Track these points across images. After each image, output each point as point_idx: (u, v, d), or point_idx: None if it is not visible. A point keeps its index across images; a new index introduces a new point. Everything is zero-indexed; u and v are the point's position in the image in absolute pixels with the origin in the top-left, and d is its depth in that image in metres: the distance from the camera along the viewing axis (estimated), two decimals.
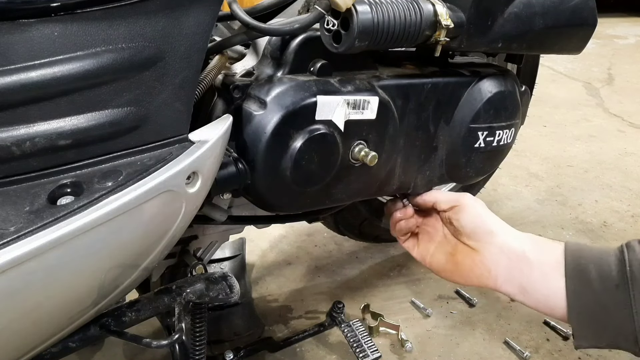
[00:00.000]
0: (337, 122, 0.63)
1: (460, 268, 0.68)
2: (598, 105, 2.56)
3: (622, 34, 4.33)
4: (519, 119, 0.84)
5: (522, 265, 0.62)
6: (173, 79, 0.51)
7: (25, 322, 0.46)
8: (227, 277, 0.69)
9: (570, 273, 0.58)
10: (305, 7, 0.70)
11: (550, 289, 0.59)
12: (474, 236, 0.67)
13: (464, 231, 0.68)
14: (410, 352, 1.00)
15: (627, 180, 1.78)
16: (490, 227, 0.66)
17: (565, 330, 1.05)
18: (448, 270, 0.70)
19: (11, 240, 0.41)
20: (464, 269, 0.67)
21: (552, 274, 0.59)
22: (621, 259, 0.55)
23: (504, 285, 0.64)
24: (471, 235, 0.67)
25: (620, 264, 0.55)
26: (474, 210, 0.67)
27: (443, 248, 0.71)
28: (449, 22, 0.63)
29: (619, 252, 0.56)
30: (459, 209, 0.69)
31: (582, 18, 0.77)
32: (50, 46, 0.45)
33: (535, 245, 0.63)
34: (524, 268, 0.62)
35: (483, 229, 0.66)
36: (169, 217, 0.52)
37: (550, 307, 0.60)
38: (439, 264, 0.71)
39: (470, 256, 0.67)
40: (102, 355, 0.97)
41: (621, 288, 0.54)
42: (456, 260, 0.69)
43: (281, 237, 1.39)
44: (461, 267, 0.68)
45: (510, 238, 0.64)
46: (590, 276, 0.56)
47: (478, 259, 0.66)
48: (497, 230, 0.65)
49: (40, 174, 0.48)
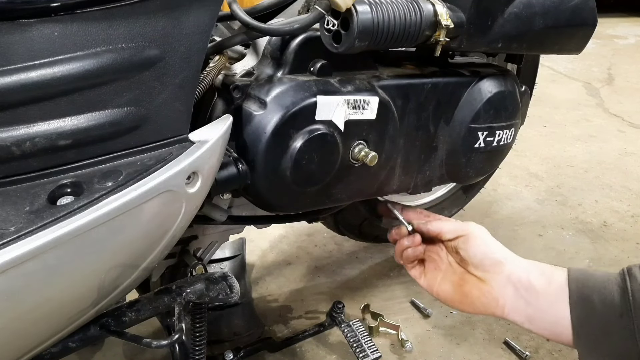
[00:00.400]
0: (337, 122, 0.63)
1: (469, 299, 0.68)
2: (598, 105, 2.56)
3: (622, 34, 4.33)
4: (519, 119, 0.84)
5: (529, 294, 0.63)
6: (173, 79, 0.51)
7: (25, 322, 0.46)
8: (227, 277, 0.69)
9: (574, 302, 0.59)
10: (305, 7, 0.70)
11: (555, 316, 0.60)
12: (482, 267, 0.67)
13: (472, 261, 0.68)
14: (410, 352, 1.00)
15: (627, 180, 1.78)
16: (498, 257, 0.66)
17: None
18: (456, 301, 0.70)
19: (11, 240, 0.41)
20: (472, 300, 0.67)
21: (557, 302, 0.60)
22: (623, 287, 0.56)
23: (511, 314, 0.64)
24: (479, 265, 0.67)
25: (622, 292, 0.56)
26: (481, 241, 0.67)
27: (449, 277, 0.71)
28: (449, 22, 0.63)
29: (621, 279, 0.57)
30: (465, 239, 0.68)
31: (582, 18, 0.77)
32: (50, 46, 0.45)
33: (540, 273, 0.64)
34: (531, 297, 0.63)
35: (491, 260, 0.66)
36: (169, 217, 0.52)
37: (557, 334, 0.61)
38: (447, 294, 0.71)
39: (478, 286, 0.67)
40: (102, 355, 0.97)
41: (625, 317, 0.55)
42: (463, 290, 0.69)
43: (281, 237, 1.39)
44: (469, 297, 0.68)
45: (516, 268, 0.65)
46: (594, 305, 0.57)
47: (486, 290, 0.66)
48: (505, 260, 0.66)
49: (40, 174, 0.48)
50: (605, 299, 0.57)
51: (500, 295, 0.64)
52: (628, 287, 0.56)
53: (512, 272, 0.64)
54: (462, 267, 0.70)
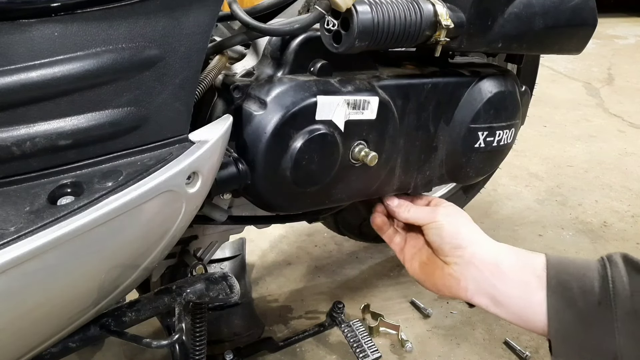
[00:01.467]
0: (337, 122, 0.63)
1: (432, 279, 0.69)
2: (598, 105, 2.56)
3: (622, 34, 4.33)
4: (519, 119, 0.84)
5: (493, 276, 0.62)
6: (173, 79, 0.51)
7: (25, 322, 0.46)
8: (227, 277, 0.69)
9: (552, 288, 0.57)
10: (305, 7, 0.70)
11: (527, 302, 0.58)
12: (442, 251, 0.68)
13: (433, 246, 0.70)
14: (411, 352, 1.00)
15: (627, 180, 1.78)
16: (459, 242, 0.66)
17: None
18: (422, 279, 0.72)
19: (11, 240, 0.41)
20: (435, 280, 0.69)
21: (531, 287, 0.58)
22: (603, 275, 0.54)
23: (475, 297, 0.64)
24: (438, 250, 0.68)
25: (602, 279, 0.54)
26: (443, 228, 0.68)
27: (419, 257, 0.73)
28: (449, 22, 0.63)
29: (601, 267, 0.55)
30: (427, 227, 0.70)
31: (582, 18, 0.77)
32: (50, 46, 0.45)
33: (513, 256, 0.62)
34: (495, 280, 0.62)
35: (449, 244, 0.66)
36: (169, 217, 0.52)
37: (526, 320, 0.59)
38: (414, 271, 0.73)
39: (440, 267, 0.68)
40: (102, 355, 0.97)
41: (603, 305, 0.53)
42: (427, 270, 0.70)
43: (281, 237, 1.39)
44: (432, 278, 0.69)
45: (481, 249, 0.64)
46: (572, 292, 0.55)
47: (446, 271, 0.66)
48: (467, 243, 0.65)
49: (40, 174, 0.48)
50: (584, 286, 0.55)
51: (462, 277, 0.64)
52: (608, 274, 0.54)
53: (474, 254, 0.64)
54: (430, 249, 0.71)
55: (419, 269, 0.72)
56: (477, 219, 0.69)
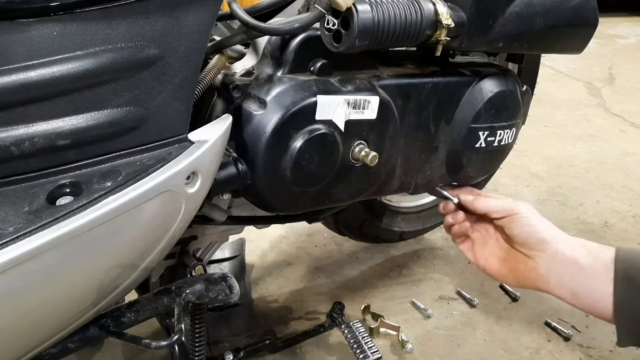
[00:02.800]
0: (337, 122, 0.63)
1: (514, 273, 0.71)
2: (599, 105, 2.56)
3: (623, 33, 4.33)
4: (520, 118, 0.84)
5: (574, 270, 0.65)
6: (172, 78, 0.51)
7: (25, 322, 0.46)
8: (227, 277, 0.68)
9: (619, 281, 0.61)
10: (305, 6, 0.70)
11: (599, 294, 0.62)
12: (527, 245, 0.69)
13: (517, 240, 0.70)
14: (411, 353, 1.00)
15: (629, 180, 1.77)
16: (543, 236, 0.68)
17: (567, 332, 1.05)
18: (502, 275, 0.73)
19: (10, 240, 0.41)
20: (518, 274, 0.71)
21: (602, 279, 0.62)
22: None
23: (556, 289, 0.67)
24: (523, 244, 0.69)
25: None
26: (526, 221, 0.69)
27: (496, 253, 0.74)
28: (449, 21, 0.63)
29: None
30: (510, 219, 0.71)
31: (583, 18, 0.76)
32: (50, 46, 0.45)
33: (586, 251, 0.66)
34: (575, 273, 0.65)
35: (535, 239, 0.68)
36: (168, 218, 0.52)
37: (599, 310, 0.63)
38: (493, 268, 0.74)
39: (524, 262, 0.70)
40: (101, 355, 0.97)
41: None
42: (510, 265, 0.72)
43: (281, 238, 1.39)
44: (515, 272, 0.71)
45: (562, 245, 0.67)
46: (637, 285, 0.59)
47: (531, 265, 0.69)
48: (550, 238, 0.68)
49: (39, 174, 0.48)
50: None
51: (545, 271, 0.67)
52: None
53: (557, 249, 0.66)
54: (508, 244, 0.72)
55: (498, 266, 0.73)
56: None
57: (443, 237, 1.39)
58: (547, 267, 0.67)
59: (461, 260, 1.30)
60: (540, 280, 0.68)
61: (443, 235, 1.39)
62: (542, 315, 1.10)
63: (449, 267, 1.27)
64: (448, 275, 1.24)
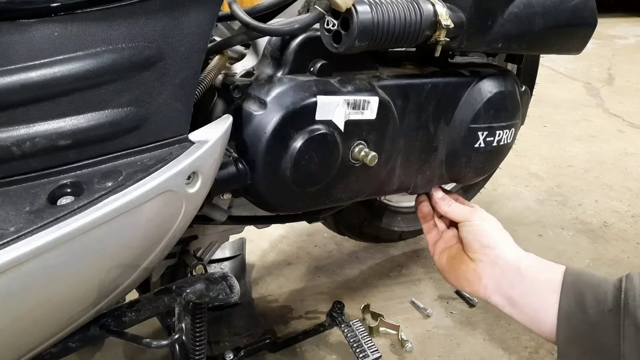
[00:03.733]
0: (337, 122, 0.63)
1: (455, 271, 0.73)
2: (598, 105, 2.56)
3: (622, 34, 4.33)
4: (519, 119, 0.84)
5: (513, 277, 0.65)
6: (173, 79, 0.51)
7: (25, 322, 0.46)
8: (227, 277, 0.68)
9: (566, 292, 0.59)
10: (305, 7, 0.70)
11: (541, 304, 0.61)
12: (471, 248, 0.71)
13: (464, 242, 0.73)
14: (411, 352, 1.00)
15: (627, 180, 1.78)
16: (487, 242, 0.69)
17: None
18: (445, 271, 0.76)
19: (11, 240, 0.41)
20: (458, 273, 0.72)
21: (546, 291, 0.61)
22: (618, 286, 0.57)
23: (493, 296, 0.67)
24: (468, 247, 0.72)
25: (616, 290, 0.56)
26: (476, 227, 0.71)
27: (449, 251, 0.76)
28: (449, 22, 0.63)
29: (618, 280, 0.58)
30: (464, 224, 0.73)
31: (582, 18, 0.77)
32: (50, 46, 0.45)
33: (534, 263, 0.65)
34: (515, 281, 0.64)
35: (479, 243, 0.70)
36: (169, 218, 0.52)
37: (538, 322, 0.61)
38: (440, 263, 0.77)
39: (466, 263, 0.71)
40: (102, 355, 0.97)
41: (613, 313, 0.55)
42: (453, 263, 0.74)
43: (281, 237, 1.39)
44: (456, 270, 0.73)
45: (507, 252, 0.67)
46: (585, 299, 0.57)
47: (471, 267, 0.70)
48: (494, 244, 0.69)
49: (40, 174, 0.48)
50: (597, 295, 0.57)
51: (484, 274, 0.68)
52: (622, 285, 0.56)
53: (499, 255, 0.67)
54: (461, 246, 0.75)
55: (445, 262, 0.75)
56: None
57: None
58: (485, 270, 0.67)
59: None
60: (477, 283, 0.68)
61: None
62: None
63: None
64: None
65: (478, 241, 0.70)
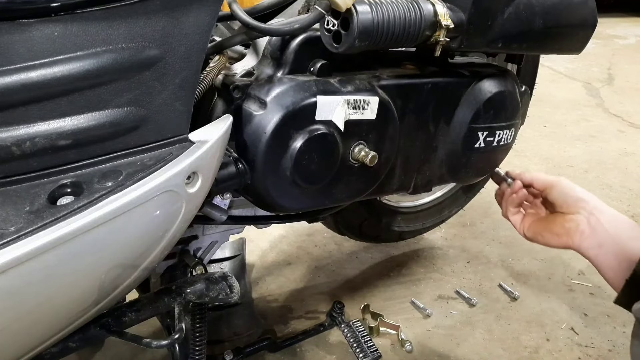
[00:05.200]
0: (337, 122, 0.63)
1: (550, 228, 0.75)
2: (598, 105, 2.56)
3: (622, 34, 4.33)
4: (519, 119, 0.84)
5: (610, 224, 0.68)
6: (173, 79, 0.51)
7: (26, 322, 0.46)
8: (227, 277, 0.69)
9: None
10: (305, 7, 0.70)
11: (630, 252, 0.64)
12: (566, 205, 0.73)
13: (557, 203, 0.75)
14: (410, 352, 1.00)
15: (627, 180, 1.78)
16: (582, 195, 0.73)
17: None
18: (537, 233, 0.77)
19: (11, 240, 0.41)
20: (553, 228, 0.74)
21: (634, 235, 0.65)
22: None
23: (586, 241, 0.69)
24: (563, 204, 0.74)
25: None
26: (564, 187, 0.75)
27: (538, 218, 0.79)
28: (449, 22, 0.63)
29: None
30: (552, 187, 0.76)
31: (582, 18, 0.77)
32: (51, 46, 0.45)
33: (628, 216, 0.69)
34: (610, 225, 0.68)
35: (574, 198, 0.73)
36: (169, 217, 0.52)
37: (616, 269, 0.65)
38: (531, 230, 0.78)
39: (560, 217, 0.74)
40: (102, 355, 0.97)
41: None
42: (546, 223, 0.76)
43: (281, 237, 1.39)
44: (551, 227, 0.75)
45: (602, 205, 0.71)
46: None
47: (568, 218, 0.72)
48: (589, 198, 0.72)
49: (40, 174, 0.48)
50: None
51: (581, 221, 0.70)
52: None
53: (595, 206, 0.71)
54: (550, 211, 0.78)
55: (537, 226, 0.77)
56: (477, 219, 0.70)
57: (442, 237, 1.39)
58: (583, 218, 0.70)
59: (460, 260, 1.30)
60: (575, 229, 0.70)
61: (443, 235, 1.40)
62: (540, 315, 1.11)
63: (448, 267, 1.28)
64: (447, 275, 1.25)
65: (572, 196, 0.73)
